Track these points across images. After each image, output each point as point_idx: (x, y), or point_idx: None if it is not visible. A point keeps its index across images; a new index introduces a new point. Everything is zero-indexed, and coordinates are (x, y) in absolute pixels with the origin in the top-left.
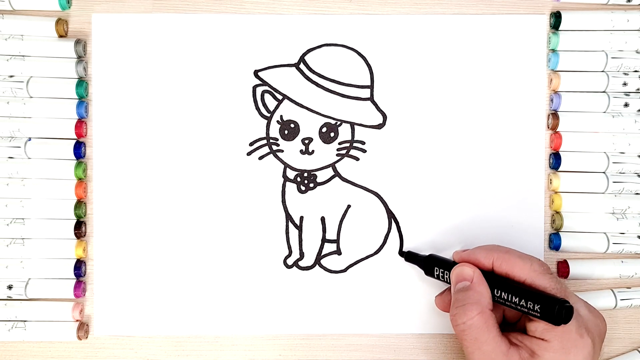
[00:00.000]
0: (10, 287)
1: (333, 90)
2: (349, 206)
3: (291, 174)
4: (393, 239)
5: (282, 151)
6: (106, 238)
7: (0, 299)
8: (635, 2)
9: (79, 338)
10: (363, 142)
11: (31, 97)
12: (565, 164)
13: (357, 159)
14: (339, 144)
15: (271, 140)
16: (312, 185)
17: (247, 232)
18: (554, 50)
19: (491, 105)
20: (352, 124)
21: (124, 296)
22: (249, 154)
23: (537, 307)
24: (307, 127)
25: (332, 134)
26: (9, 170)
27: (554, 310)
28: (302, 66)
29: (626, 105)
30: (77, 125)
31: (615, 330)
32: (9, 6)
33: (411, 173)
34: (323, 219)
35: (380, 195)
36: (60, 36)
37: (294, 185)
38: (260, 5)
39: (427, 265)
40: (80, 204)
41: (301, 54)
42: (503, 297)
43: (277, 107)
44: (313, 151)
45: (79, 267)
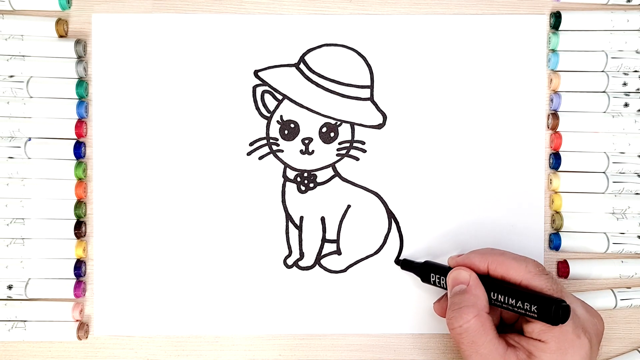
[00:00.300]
0: (10, 287)
1: (333, 90)
2: (349, 206)
3: (291, 174)
4: (393, 239)
5: (282, 151)
6: (106, 238)
7: (0, 299)
8: (635, 2)
9: (79, 338)
10: (363, 142)
11: (31, 97)
12: (565, 164)
13: (357, 159)
14: (339, 144)
15: (271, 140)
16: (312, 185)
17: (247, 232)
18: (554, 50)
19: (491, 105)
20: (352, 124)
21: (124, 296)
22: (249, 154)
23: (533, 308)
24: (307, 127)
25: (332, 134)
26: (9, 170)
27: (550, 311)
28: (302, 66)
29: (626, 105)
30: (77, 125)
31: (615, 330)
32: (9, 6)
33: (411, 173)
34: (323, 219)
35: (380, 195)
36: (60, 36)
37: (294, 185)
38: (260, 5)
39: (423, 272)
40: (80, 204)
41: (301, 54)
42: (500, 299)
43: (277, 107)
44: (313, 151)
45: (79, 267)
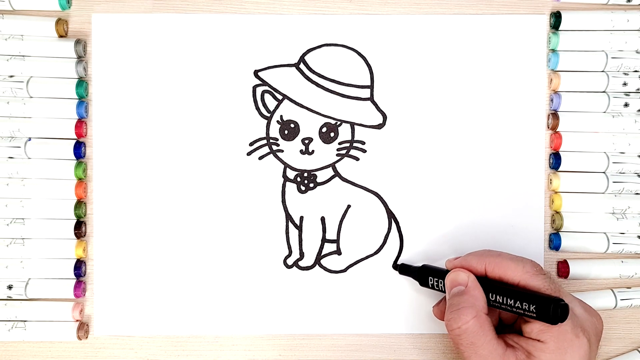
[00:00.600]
0: (10, 287)
1: (333, 90)
2: (349, 206)
3: (291, 174)
4: (393, 239)
5: (282, 151)
6: (106, 238)
7: (0, 299)
8: (635, 2)
9: (79, 338)
10: (363, 142)
11: (31, 97)
12: (565, 164)
13: (357, 159)
14: (339, 144)
15: (271, 140)
16: (312, 185)
17: (247, 232)
18: (554, 50)
19: (491, 105)
20: (352, 124)
21: (124, 296)
22: (249, 154)
23: (532, 308)
24: (307, 127)
25: (332, 134)
26: (9, 170)
27: (549, 310)
28: (302, 66)
29: (626, 105)
30: (77, 125)
31: (615, 330)
32: (9, 6)
33: (411, 173)
34: (323, 219)
35: (380, 195)
36: (60, 36)
37: (294, 185)
38: (260, 5)
39: (421, 275)
40: (80, 204)
41: (301, 54)
42: (498, 300)
43: (277, 107)
44: (313, 151)
45: (79, 267)
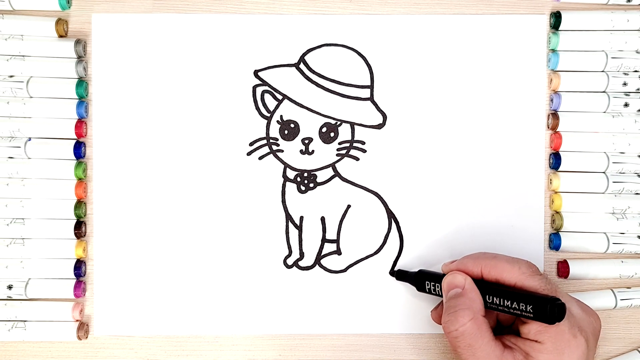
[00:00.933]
0: (10, 287)
1: (333, 90)
2: (349, 206)
3: (291, 174)
4: (393, 239)
5: (282, 151)
6: (106, 238)
7: (0, 299)
8: (635, 2)
9: (79, 338)
10: (363, 142)
11: (31, 97)
12: (565, 164)
13: (357, 159)
14: (339, 144)
15: (271, 140)
16: (312, 185)
17: (247, 232)
18: (554, 50)
19: (491, 105)
20: (352, 124)
21: (124, 296)
22: (249, 154)
23: (529, 308)
24: (307, 127)
25: (332, 134)
26: (9, 170)
27: (546, 309)
28: (302, 66)
29: (626, 105)
30: (77, 125)
31: (615, 330)
32: (9, 6)
33: (411, 173)
34: (323, 219)
35: (380, 195)
36: (60, 36)
37: (294, 185)
38: (260, 5)
39: (418, 280)
40: (80, 204)
41: (301, 54)
42: (495, 302)
43: (277, 107)
44: (313, 151)
45: (79, 267)
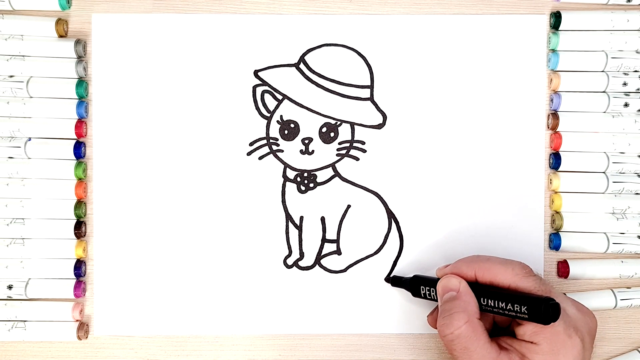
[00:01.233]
0: (10, 287)
1: (333, 90)
2: (349, 206)
3: (291, 174)
4: (393, 239)
5: (282, 151)
6: (106, 238)
7: (0, 299)
8: (635, 2)
9: (79, 338)
10: (363, 142)
11: (31, 97)
12: (565, 164)
13: (357, 159)
14: (339, 144)
15: (271, 140)
16: (312, 185)
17: (247, 232)
18: (554, 50)
19: (491, 105)
20: (352, 124)
21: (124, 296)
22: (249, 154)
23: (524, 309)
24: (307, 127)
25: (332, 134)
26: (9, 170)
27: (540, 310)
28: (302, 66)
29: (626, 105)
30: (77, 125)
31: (615, 330)
32: (9, 6)
33: (411, 173)
34: (323, 219)
35: (380, 195)
36: (60, 36)
37: (294, 185)
38: (260, 5)
39: (413, 286)
40: (80, 204)
41: (301, 54)
42: (490, 304)
43: (277, 107)
44: (313, 151)
45: (79, 267)
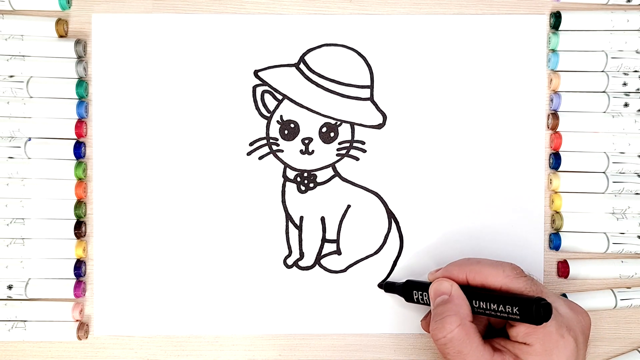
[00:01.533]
0: (10, 287)
1: (333, 90)
2: (349, 206)
3: (291, 174)
4: (393, 239)
5: (282, 151)
6: (106, 238)
7: (0, 299)
8: (635, 2)
9: (79, 338)
10: (363, 142)
11: (31, 97)
12: (565, 164)
13: (357, 159)
14: (339, 144)
15: (271, 140)
16: (312, 185)
17: (247, 232)
18: (554, 50)
19: (491, 105)
20: (352, 124)
21: (124, 296)
22: (249, 154)
23: (515, 310)
24: (307, 127)
25: (332, 134)
26: (9, 170)
27: (532, 310)
28: (302, 66)
29: (626, 105)
30: (77, 125)
31: (615, 330)
32: (9, 6)
33: (411, 173)
34: (323, 219)
35: (380, 195)
36: (60, 36)
37: (294, 185)
38: (260, 5)
39: (406, 291)
40: (80, 204)
41: (301, 54)
42: (482, 306)
43: (277, 107)
44: (313, 151)
45: (79, 267)
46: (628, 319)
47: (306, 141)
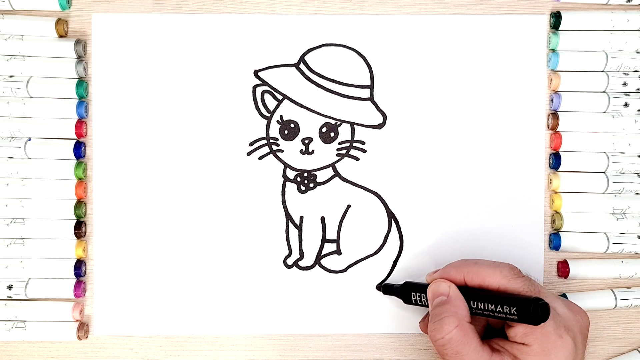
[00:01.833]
0: (10, 287)
1: (333, 90)
2: (349, 206)
3: (291, 174)
4: (393, 239)
5: (282, 151)
6: (106, 238)
7: (0, 299)
8: (635, 2)
9: (79, 338)
10: (363, 142)
11: (31, 97)
12: (565, 164)
13: (357, 159)
14: (339, 144)
15: (271, 140)
16: (312, 185)
17: (247, 232)
18: (554, 50)
19: (491, 105)
20: (352, 124)
21: (124, 296)
22: (249, 154)
23: (513, 310)
24: (307, 127)
25: (332, 134)
26: (9, 170)
27: (529, 310)
28: (302, 66)
29: (626, 105)
30: (77, 125)
31: (615, 330)
32: (9, 6)
33: (411, 173)
34: (323, 219)
35: (380, 195)
36: (60, 36)
37: (294, 185)
38: (260, 5)
39: (404, 292)
40: (80, 204)
41: (301, 54)
42: (480, 307)
43: (277, 107)
44: (313, 151)
45: (79, 267)
46: (628, 319)
47: (306, 141)
